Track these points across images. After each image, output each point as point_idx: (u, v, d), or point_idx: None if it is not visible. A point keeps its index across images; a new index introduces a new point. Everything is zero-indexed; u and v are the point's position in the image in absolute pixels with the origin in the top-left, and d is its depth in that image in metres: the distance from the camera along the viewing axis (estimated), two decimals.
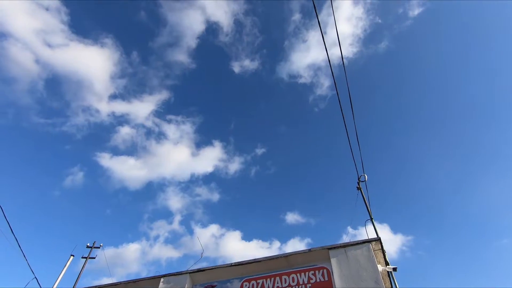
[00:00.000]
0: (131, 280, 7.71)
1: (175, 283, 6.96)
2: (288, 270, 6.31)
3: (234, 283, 6.59)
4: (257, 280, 6.42)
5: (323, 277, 5.92)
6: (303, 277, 6.07)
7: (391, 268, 5.79)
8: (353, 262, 5.65)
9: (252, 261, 6.63)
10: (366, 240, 5.93)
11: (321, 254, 6.12)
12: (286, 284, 6.11)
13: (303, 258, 6.26)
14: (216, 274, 6.86)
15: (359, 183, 7.94)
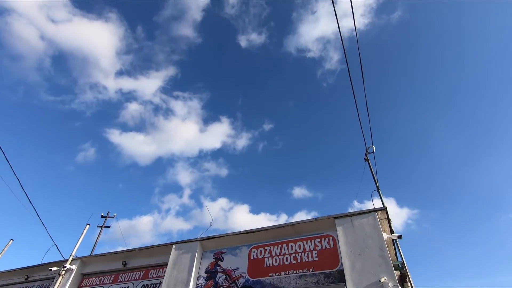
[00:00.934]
0: (145, 247, 8.10)
1: (186, 249, 7.29)
2: (294, 238, 6.51)
3: (243, 250, 6.86)
4: (264, 247, 6.67)
5: (329, 244, 6.10)
6: (309, 244, 6.27)
7: (396, 236, 5.91)
8: (359, 230, 5.78)
9: (259, 229, 6.84)
10: (372, 209, 6.00)
11: (327, 223, 6.26)
12: (292, 250, 6.33)
13: (310, 226, 6.41)
14: (225, 242, 7.13)
15: (367, 155, 7.90)
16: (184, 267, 6.91)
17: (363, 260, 5.34)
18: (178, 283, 6.64)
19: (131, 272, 8.08)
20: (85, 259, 8.90)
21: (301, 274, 5.86)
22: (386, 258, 5.20)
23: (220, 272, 6.70)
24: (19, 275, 9.86)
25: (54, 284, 8.25)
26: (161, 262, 7.65)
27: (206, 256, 7.20)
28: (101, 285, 8.20)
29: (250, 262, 6.55)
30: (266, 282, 6.05)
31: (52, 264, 9.08)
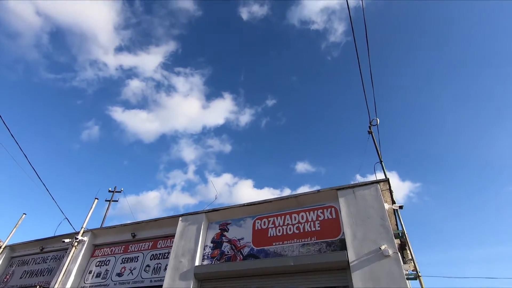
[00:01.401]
0: (152, 219, 8.38)
1: (192, 221, 7.53)
2: (297, 209, 6.66)
3: (247, 221, 7.07)
4: (268, 218, 6.85)
5: (331, 215, 6.24)
6: (311, 215, 6.42)
7: (397, 206, 6.02)
8: (361, 201, 5.88)
9: (263, 201, 7.00)
10: (374, 180, 6.07)
11: (330, 194, 6.36)
12: (295, 221, 6.50)
13: (312, 198, 6.53)
14: (230, 213, 7.33)
15: (370, 127, 7.85)
16: (190, 238, 7.17)
17: (364, 229, 5.48)
18: (186, 252, 6.93)
19: (140, 243, 8.43)
20: (96, 231, 9.26)
21: (304, 243, 6.07)
22: (386, 227, 5.33)
23: (225, 242, 6.96)
24: (34, 247, 10.34)
25: (68, 255, 8.67)
26: (169, 233, 7.94)
27: (211, 227, 7.44)
28: (112, 255, 8.60)
29: (255, 232, 6.76)
30: (270, 250, 6.28)
31: (64, 236, 9.47)
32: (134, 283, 7.57)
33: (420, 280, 5.39)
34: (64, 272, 8.29)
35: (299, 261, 5.66)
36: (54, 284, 8.06)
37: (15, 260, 10.68)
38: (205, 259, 6.87)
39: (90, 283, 8.21)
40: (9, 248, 10.85)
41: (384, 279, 4.79)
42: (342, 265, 5.32)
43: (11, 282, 9.91)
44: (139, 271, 7.75)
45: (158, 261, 7.71)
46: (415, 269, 5.56)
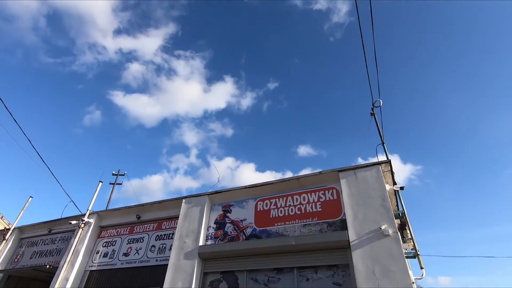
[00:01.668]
0: (156, 201, 8.52)
1: (195, 203, 7.65)
2: (299, 191, 6.73)
3: (249, 203, 7.17)
4: (270, 200, 6.94)
5: (332, 196, 6.31)
6: (313, 196, 6.50)
7: (398, 187, 6.06)
8: (362, 182, 5.92)
9: (265, 183, 7.06)
10: (376, 162, 6.08)
11: (331, 176, 6.40)
12: (297, 202, 6.59)
13: (314, 180, 6.58)
14: (232, 195, 7.43)
15: (373, 109, 7.78)
16: (194, 219, 7.31)
17: (365, 209, 5.55)
18: (190, 233, 7.08)
19: (145, 224, 8.61)
20: (101, 213, 9.45)
21: (305, 224, 6.17)
22: (387, 207, 5.39)
23: (228, 223, 7.09)
24: (42, 228, 10.61)
25: (75, 236, 8.90)
26: (173, 215, 8.09)
27: (214, 208, 7.57)
28: (118, 236, 8.82)
29: (257, 213, 6.88)
30: (272, 231, 6.41)
31: (71, 218, 9.69)
32: (140, 262, 7.81)
33: (419, 258, 5.51)
34: (73, 252, 8.54)
35: (301, 241, 5.78)
36: (64, 264, 8.33)
37: (25, 241, 10.99)
38: (209, 239, 7.04)
39: (98, 263, 8.48)
40: (18, 230, 11.15)
41: (383, 257, 4.90)
42: (342, 244, 5.44)
43: (22, 262, 10.25)
44: (144, 251, 7.97)
45: (163, 241, 7.90)
46: (414, 248, 5.68)
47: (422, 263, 5.39)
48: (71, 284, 8.00)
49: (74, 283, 8.09)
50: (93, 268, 8.45)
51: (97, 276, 8.25)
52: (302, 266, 5.74)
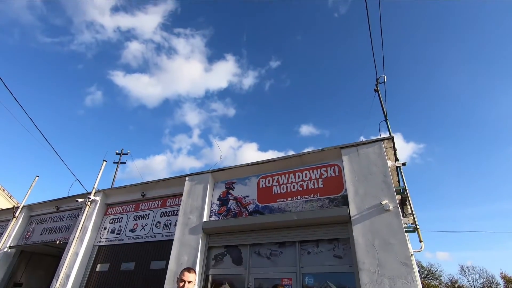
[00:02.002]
0: (160, 179, 8.64)
1: (198, 180, 7.75)
2: (301, 168, 6.78)
3: (252, 180, 7.25)
4: (272, 177, 7.02)
5: (334, 172, 6.35)
6: (315, 173, 6.55)
7: (400, 163, 6.08)
8: (364, 158, 5.93)
9: (267, 160, 7.11)
10: (378, 138, 6.06)
11: (333, 152, 6.42)
12: (299, 179, 6.65)
13: (316, 156, 6.61)
14: (235, 173, 7.50)
15: (377, 85, 7.64)
16: (198, 196, 7.45)
17: (367, 185, 5.61)
18: (194, 210, 7.24)
19: (150, 202, 8.80)
20: (107, 191, 9.63)
21: (307, 200, 6.27)
22: (388, 183, 5.43)
23: (231, 200, 7.22)
24: (50, 206, 10.88)
25: (82, 213, 9.14)
26: (177, 192, 8.24)
27: (217, 186, 7.68)
28: (124, 213, 9.04)
29: (259, 190, 6.97)
30: (275, 207, 6.53)
31: (78, 196, 9.90)
32: (147, 238, 8.06)
33: (418, 232, 5.63)
34: (81, 228, 8.81)
35: (302, 216, 5.90)
36: (73, 240, 8.62)
37: (34, 218, 11.32)
38: (213, 216, 7.20)
39: (106, 238, 8.76)
40: (27, 208, 11.45)
41: (383, 231, 5.01)
42: (343, 219, 5.55)
43: (33, 238, 10.62)
44: (150, 227, 8.20)
45: (168, 218, 8.11)
46: (414, 222, 5.78)
47: (421, 236, 5.51)
48: (81, 258, 8.32)
49: (84, 257, 8.41)
50: (101, 243, 8.75)
51: (105, 251, 8.56)
52: (304, 240, 5.89)
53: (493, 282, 39.45)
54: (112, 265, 8.15)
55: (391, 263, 4.69)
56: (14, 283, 10.52)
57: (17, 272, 10.61)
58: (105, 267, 8.24)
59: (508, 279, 38.56)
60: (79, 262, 8.25)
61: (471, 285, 40.41)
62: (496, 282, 39.29)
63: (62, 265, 8.24)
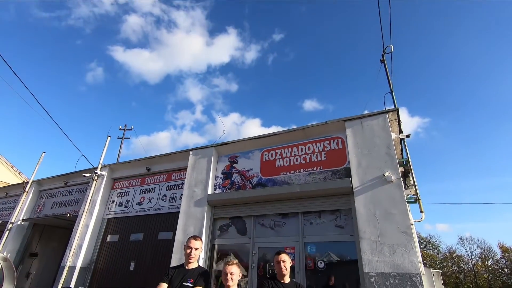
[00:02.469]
0: (165, 154, 8.73)
1: (202, 154, 7.81)
2: (304, 141, 6.78)
3: (255, 153, 7.30)
4: (275, 150, 7.04)
5: (337, 145, 6.35)
6: (318, 146, 6.55)
7: (404, 135, 6.04)
8: (368, 131, 5.89)
9: (271, 134, 7.10)
10: (383, 111, 5.97)
11: (337, 125, 6.37)
12: (302, 152, 6.68)
13: (320, 129, 6.57)
14: (238, 147, 7.54)
15: (383, 55, 7.41)
16: (202, 170, 7.55)
17: (370, 157, 5.62)
18: (199, 183, 7.37)
19: (155, 176, 8.95)
20: (113, 166, 9.79)
21: (310, 172, 6.33)
22: (392, 155, 5.43)
23: (235, 173, 7.31)
24: (59, 181, 11.14)
25: (90, 187, 9.36)
26: (181, 166, 8.34)
27: (221, 160, 7.75)
28: (131, 187, 9.24)
29: (263, 163, 7.04)
30: (278, 179, 6.61)
31: (85, 171, 10.09)
32: (154, 210, 8.30)
33: (419, 203, 5.72)
34: (89, 202, 9.07)
35: (305, 188, 5.99)
36: (82, 213, 8.90)
37: (44, 193, 11.65)
38: (217, 189, 7.34)
39: (114, 211, 9.04)
40: (36, 183, 11.74)
41: (385, 201, 5.08)
42: (346, 190, 5.62)
43: (44, 212, 10.99)
44: (157, 200, 8.41)
45: (174, 191, 8.28)
46: (415, 193, 5.85)
47: (422, 207, 5.60)
48: (92, 229, 8.64)
49: (95, 229, 8.74)
50: (110, 216, 9.04)
51: (114, 223, 8.87)
52: (307, 211, 6.03)
53: (490, 252, 40.65)
54: (121, 236, 8.48)
55: (392, 232, 4.81)
56: (30, 254, 11.05)
57: (32, 243, 11.11)
58: (115, 238, 8.58)
59: (505, 249, 39.65)
60: (90, 233, 8.58)
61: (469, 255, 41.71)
62: (493, 252, 40.48)
63: (74, 236, 8.59)
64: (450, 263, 41.72)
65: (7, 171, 19.42)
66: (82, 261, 8.23)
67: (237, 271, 2.78)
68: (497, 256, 39.99)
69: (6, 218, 11.88)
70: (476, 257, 41.08)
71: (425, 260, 34.10)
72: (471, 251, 41.66)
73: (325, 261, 5.48)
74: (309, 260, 5.59)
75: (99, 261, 8.42)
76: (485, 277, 39.21)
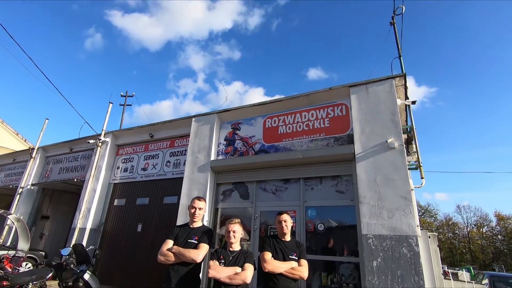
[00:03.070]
0: (167, 120, 8.72)
1: (205, 121, 7.79)
2: (308, 108, 6.69)
3: (258, 120, 7.25)
4: (278, 117, 6.98)
5: (341, 112, 6.27)
6: (321, 113, 6.48)
7: (410, 101, 5.92)
8: (373, 97, 5.78)
9: (274, 100, 7.00)
10: (389, 76, 5.80)
11: (342, 91, 6.24)
12: (305, 119, 6.62)
13: (324, 96, 6.45)
14: (241, 113, 7.48)
15: (393, 17, 7.03)
16: (204, 136, 7.57)
17: (373, 124, 5.56)
18: (202, 149, 7.43)
19: (159, 142, 9.02)
20: (116, 132, 9.85)
21: (313, 139, 6.32)
22: (396, 122, 5.37)
23: (238, 140, 7.33)
24: (64, 147, 11.30)
25: (95, 153, 9.49)
26: (184, 133, 8.37)
27: (224, 126, 7.73)
28: (135, 153, 9.36)
29: (265, 130, 7.02)
30: (280, 146, 6.64)
31: (89, 137, 10.18)
32: (158, 176, 8.47)
33: (420, 170, 5.76)
34: (95, 168, 9.25)
35: (307, 154, 6.02)
36: (89, 178, 9.13)
37: (50, 159, 11.87)
38: (220, 155, 7.41)
39: (120, 176, 9.25)
40: (42, 149, 11.93)
41: (386, 167, 5.12)
42: (348, 157, 5.65)
43: (52, 177, 11.29)
44: (161, 166, 8.56)
45: (177, 157, 8.39)
46: (417, 160, 5.87)
47: (423, 173, 5.65)
48: (99, 194, 8.92)
49: (102, 193, 9.02)
50: (116, 181, 9.27)
51: (121, 188, 9.12)
52: (308, 177, 6.12)
53: (486, 220, 41.87)
54: (128, 200, 8.76)
55: (391, 197, 4.91)
56: (42, 216, 11.55)
57: (42, 206, 11.56)
58: (121, 202, 8.87)
59: (501, 217, 40.74)
60: (98, 198, 8.87)
61: (465, 222, 43.00)
62: (489, 220, 41.68)
63: (82, 200, 8.88)
64: (446, 230, 43.21)
65: (13, 139, 19.67)
66: (91, 223, 8.60)
67: (239, 229, 2.88)
68: (493, 223, 41.22)
69: (16, 183, 12.25)
70: (471, 224, 42.41)
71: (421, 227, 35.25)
72: (467, 219, 42.91)
73: (324, 224, 5.67)
74: (309, 223, 5.78)
75: (108, 223, 8.79)
76: (479, 243, 40.77)
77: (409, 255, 4.50)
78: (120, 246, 8.19)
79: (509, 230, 39.06)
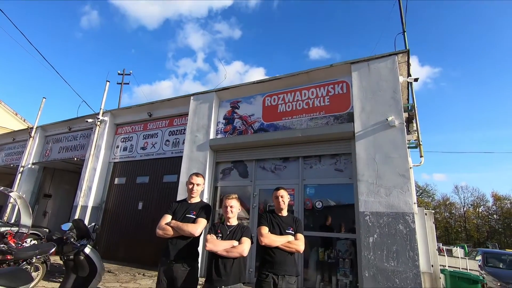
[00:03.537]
0: (165, 99, 8.60)
1: (203, 100, 7.68)
2: (308, 85, 6.57)
3: (257, 98, 7.15)
4: (278, 95, 6.88)
5: (342, 89, 6.16)
6: (322, 91, 6.37)
7: (412, 79, 5.80)
8: (375, 74, 5.65)
9: (273, 78, 6.86)
10: (392, 52, 5.64)
11: (343, 68, 6.10)
12: (305, 97, 6.52)
13: (324, 73, 6.31)
14: (240, 91, 7.36)
15: None
16: (203, 115, 7.49)
17: (374, 102, 5.47)
18: (200, 128, 7.38)
19: (157, 121, 8.96)
20: (114, 111, 9.76)
21: (312, 117, 6.26)
22: (397, 99, 5.28)
23: (237, 118, 7.27)
24: (62, 127, 11.25)
25: (94, 133, 9.46)
26: (183, 112, 8.29)
27: (223, 105, 7.64)
28: (134, 133, 9.32)
29: (265, 108, 6.93)
30: (279, 124, 6.58)
31: (87, 116, 10.10)
32: (158, 155, 8.48)
33: (420, 148, 5.74)
34: (94, 147, 9.25)
35: (306, 133, 5.98)
36: (89, 157, 9.15)
37: (50, 138, 11.85)
38: (219, 134, 7.36)
39: (119, 155, 9.27)
40: (41, 128, 11.88)
41: (386, 146, 5.09)
42: (347, 135, 5.61)
43: (52, 156, 11.32)
44: (160, 145, 8.55)
45: (176, 136, 8.36)
46: (417, 138, 5.83)
47: (422, 151, 5.63)
48: (99, 172, 8.97)
49: (102, 172, 9.07)
50: (116, 160, 9.29)
51: (120, 166, 9.16)
52: (307, 156, 6.11)
53: (483, 200, 42.47)
54: (128, 179, 8.83)
55: (390, 175, 4.91)
56: (44, 194, 11.70)
57: (44, 185, 11.68)
58: (122, 181, 8.94)
59: (498, 198, 41.31)
60: (98, 176, 8.93)
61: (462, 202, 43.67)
62: (486, 200, 42.27)
63: (82, 178, 8.95)
64: (443, 209, 43.95)
65: (12, 119, 19.56)
66: (93, 201, 8.71)
67: (236, 204, 2.89)
68: (489, 203, 41.87)
69: (16, 162, 12.31)
70: (468, 204, 43.08)
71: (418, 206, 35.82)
72: (464, 199, 43.53)
73: (323, 202, 5.72)
74: (307, 201, 5.84)
75: (109, 201, 8.91)
76: (474, 222, 41.60)
77: (405, 232, 4.57)
78: (121, 223, 8.35)
79: (505, 209, 39.74)
